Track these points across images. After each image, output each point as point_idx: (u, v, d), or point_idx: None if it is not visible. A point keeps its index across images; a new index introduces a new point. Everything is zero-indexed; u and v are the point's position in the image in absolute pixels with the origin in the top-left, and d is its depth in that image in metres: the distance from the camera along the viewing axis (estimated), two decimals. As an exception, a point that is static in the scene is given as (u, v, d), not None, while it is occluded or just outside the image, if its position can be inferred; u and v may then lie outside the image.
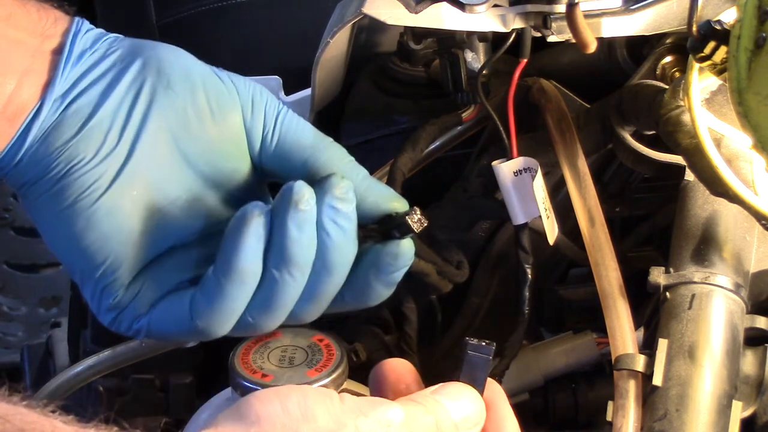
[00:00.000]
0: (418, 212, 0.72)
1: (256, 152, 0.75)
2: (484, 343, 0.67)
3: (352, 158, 0.75)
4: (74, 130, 0.72)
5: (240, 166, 0.75)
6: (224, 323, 0.70)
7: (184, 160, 0.74)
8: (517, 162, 0.85)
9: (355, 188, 0.71)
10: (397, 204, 0.74)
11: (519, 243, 0.85)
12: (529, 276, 0.85)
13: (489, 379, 0.67)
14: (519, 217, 0.85)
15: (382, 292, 0.73)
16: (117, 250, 0.72)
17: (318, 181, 0.71)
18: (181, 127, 0.73)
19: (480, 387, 0.66)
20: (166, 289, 0.74)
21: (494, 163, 0.85)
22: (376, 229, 0.73)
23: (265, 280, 0.70)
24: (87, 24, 0.76)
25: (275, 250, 0.69)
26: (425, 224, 0.72)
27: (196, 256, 0.75)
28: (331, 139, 0.76)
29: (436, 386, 0.67)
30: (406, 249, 0.72)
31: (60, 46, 0.73)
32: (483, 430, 0.67)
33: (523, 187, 0.84)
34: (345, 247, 0.70)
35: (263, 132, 0.75)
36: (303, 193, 0.68)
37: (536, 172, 0.84)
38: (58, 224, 0.73)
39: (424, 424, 0.63)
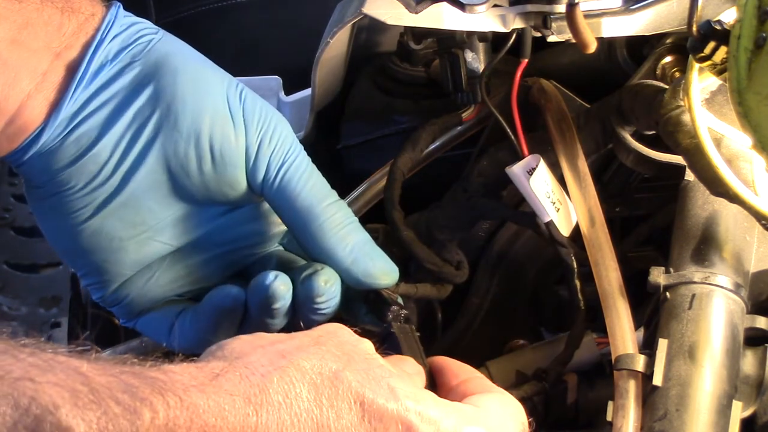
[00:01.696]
0: (399, 308, 0.75)
1: (257, 187, 0.75)
2: (402, 314, 0.74)
3: (353, 221, 0.76)
4: (70, 159, 0.71)
5: (236, 197, 0.76)
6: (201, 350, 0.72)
7: (177, 193, 0.74)
8: (528, 161, 0.85)
9: (341, 262, 0.74)
10: (384, 279, 0.76)
11: (554, 239, 0.85)
12: (575, 266, 0.84)
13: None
14: (545, 215, 0.84)
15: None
16: (99, 262, 0.74)
17: (302, 280, 0.74)
18: (179, 167, 0.72)
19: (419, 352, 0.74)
20: (153, 302, 0.76)
21: (507, 168, 0.85)
22: (359, 303, 0.76)
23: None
24: (122, 19, 0.72)
25: (251, 326, 0.74)
26: (405, 322, 0.75)
27: (184, 271, 0.77)
28: (333, 199, 0.76)
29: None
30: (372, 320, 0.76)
31: (77, 61, 0.70)
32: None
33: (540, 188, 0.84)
34: (315, 323, 0.73)
35: (264, 178, 0.74)
36: (276, 294, 0.73)
37: (541, 171, 0.84)
38: (50, 228, 0.75)
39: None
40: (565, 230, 0.85)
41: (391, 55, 1.01)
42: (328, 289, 0.74)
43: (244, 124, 0.73)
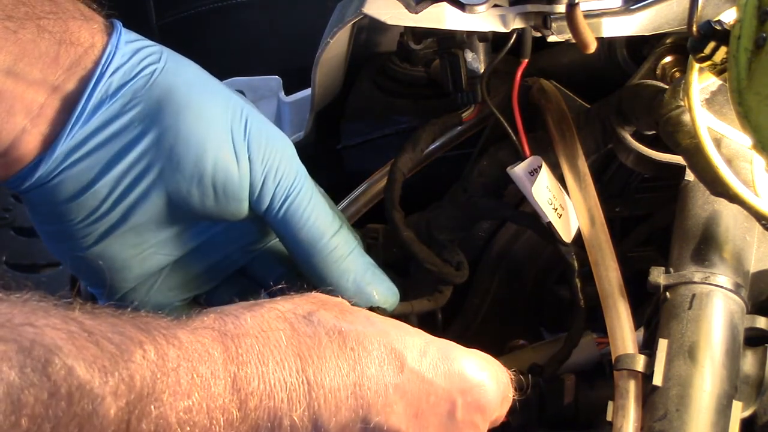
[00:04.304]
0: None
1: (260, 214, 0.75)
2: None
3: (353, 248, 0.77)
4: (69, 194, 0.69)
5: (238, 221, 0.76)
6: None
7: (179, 222, 0.74)
8: (530, 161, 0.85)
9: (345, 292, 0.75)
10: (385, 305, 0.77)
11: (555, 239, 0.85)
12: (576, 266, 0.85)
13: None
14: (567, 237, 0.85)
15: None
16: (103, 279, 0.74)
17: None
18: (181, 202, 0.72)
19: None
20: (158, 308, 0.75)
21: (508, 169, 0.85)
22: None
23: None
24: (119, 56, 0.69)
25: None
26: None
27: (187, 277, 0.77)
28: (335, 229, 0.76)
29: None
30: None
31: (74, 96, 0.67)
32: None
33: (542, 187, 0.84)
34: None
35: (267, 209, 0.74)
36: None
37: (542, 178, 0.84)
38: (54, 249, 0.75)
39: None
40: (566, 236, 0.85)
41: (391, 55, 1.00)
42: None
43: (249, 160, 0.72)
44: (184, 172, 0.70)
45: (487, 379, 0.69)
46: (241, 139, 0.72)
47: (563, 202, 0.86)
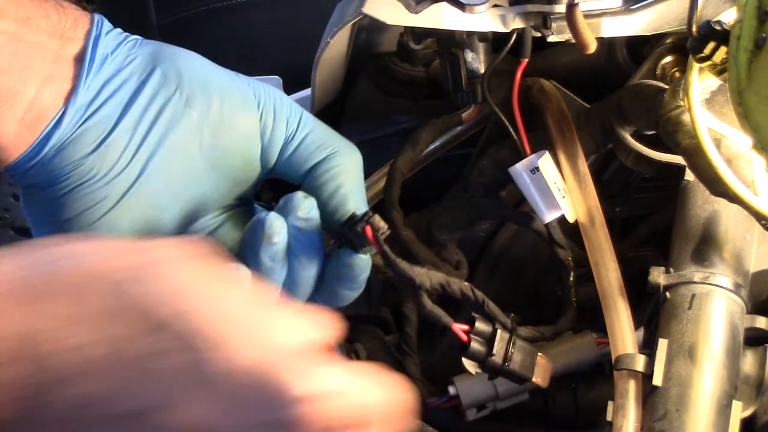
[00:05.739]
0: (376, 219, 0.72)
1: (272, 158, 0.76)
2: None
3: (353, 158, 0.76)
4: (93, 144, 0.71)
5: (247, 176, 0.76)
6: None
7: (191, 177, 0.74)
8: (531, 159, 0.85)
9: (325, 198, 0.74)
10: (353, 207, 0.75)
11: (552, 240, 0.85)
12: (571, 266, 0.85)
13: None
14: (545, 216, 0.84)
15: (348, 295, 0.76)
16: None
17: (282, 200, 0.73)
18: (194, 145, 0.73)
19: None
20: None
21: (510, 168, 0.85)
22: (344, 236, 0.74)
23: None
24: (107, 24, 0.74)
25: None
26: (384, 232, 0.72)
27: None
28: (331, 138, 0.77)
29: None
30: (358, 260, 0.74)
31: (82, 51, 0.72)
32: None
33: (542, 185, 0.84)
34: (310, 265, 0.73)
35: (285, 137, 0.76)
36: (275, 227, 0.71)
37: (547, 159, 0.84)
38: (54, 231, 0.74)
39: None
40: (570, 216, 0.85)
41: (391, 55, 1.00)
42: (307, 201, 0.73)
43: (253, 90, 0.75)
44: (193, 104, 0.73)
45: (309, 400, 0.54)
46: (240, 79, 0.75)
47: (565, 186, 0.85)
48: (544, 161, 0.84)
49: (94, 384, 0.50)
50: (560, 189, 0.84)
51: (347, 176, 0.76)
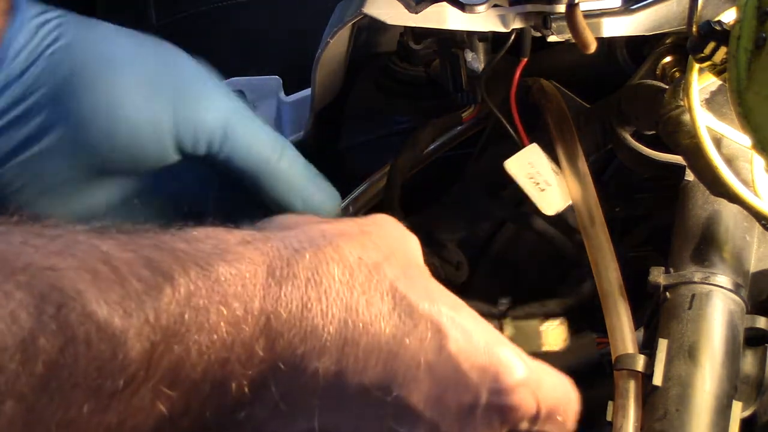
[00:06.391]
0: None
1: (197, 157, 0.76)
2: None
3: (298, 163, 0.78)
4: None
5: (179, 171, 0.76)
6: None
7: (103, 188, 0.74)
8: (525, 152, 0.84)
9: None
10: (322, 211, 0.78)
11: (532, 226, 0.86)
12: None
13: None
14: (547, 209, 0.84)
15: None
16: None
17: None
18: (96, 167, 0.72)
19: None
20: None
21: (505, 163, 0.85)
22: None
23: None
24: (23, 35, 0.68)
25: None
26: None
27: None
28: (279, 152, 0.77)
29: None
30: None
31: None
32: None
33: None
34: None
35: (206, 154, 0.75)
36: None
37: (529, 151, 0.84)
38: None
39: None
40: (547, 210, 0.84)
41: (391, 55, 1.00)
42: None
43: (166, 111, 0.73)
44: (92, 140, 0.70)
45: (523, 387, 0.61)
46: (153, 94, 0.72)
47: (550, 177, 0.85)
48: (520, 157, 0.83)
49: (351, 357, 0.55)
50: (538, 182, 0.84)
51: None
